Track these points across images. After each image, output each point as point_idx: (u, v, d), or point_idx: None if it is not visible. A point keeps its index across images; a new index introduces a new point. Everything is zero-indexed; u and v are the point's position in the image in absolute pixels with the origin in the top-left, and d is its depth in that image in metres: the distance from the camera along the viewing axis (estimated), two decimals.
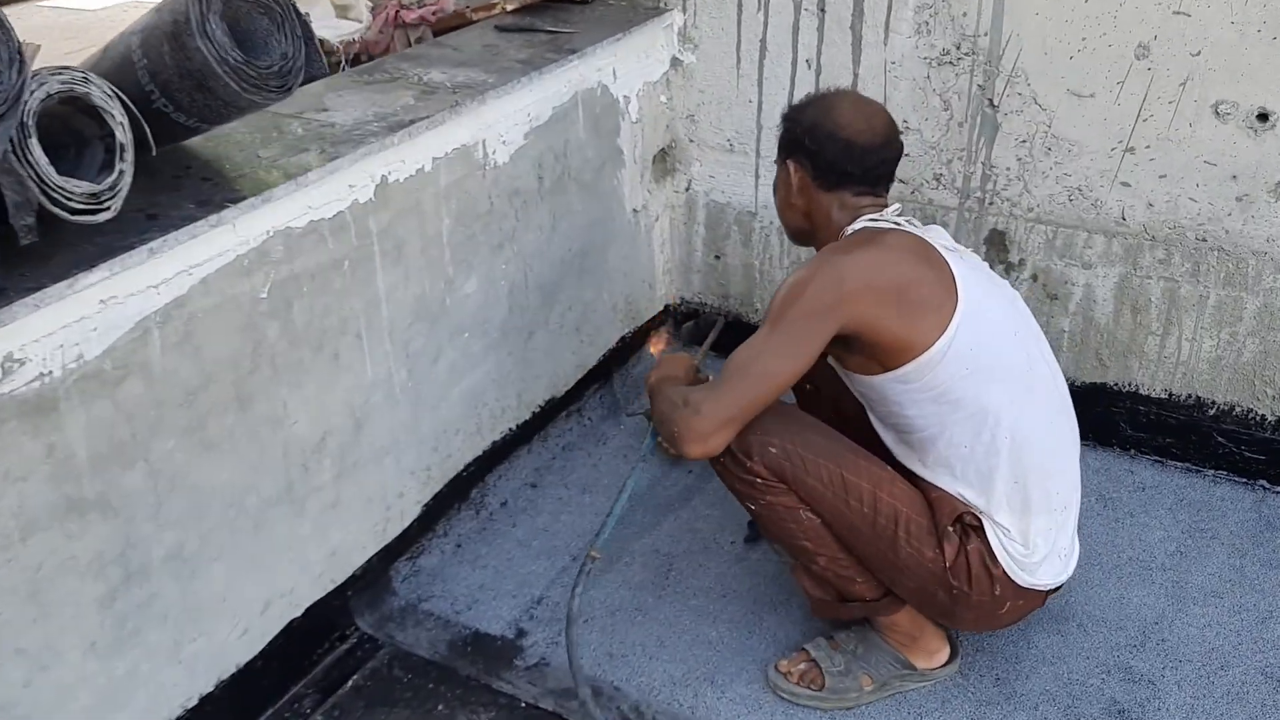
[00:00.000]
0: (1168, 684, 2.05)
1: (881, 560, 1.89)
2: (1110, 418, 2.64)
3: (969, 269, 1.86)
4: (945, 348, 1.77)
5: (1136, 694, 2.03)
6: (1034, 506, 1.85)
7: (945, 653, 2.06)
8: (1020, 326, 1.90)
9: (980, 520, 1.86)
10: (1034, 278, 2.58)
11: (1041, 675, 2.08)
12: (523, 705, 2.05)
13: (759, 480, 1.87)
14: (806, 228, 1.99)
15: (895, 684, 2.04)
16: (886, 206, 1.92)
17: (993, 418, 1.81)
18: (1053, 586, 1.94)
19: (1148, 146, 2.36)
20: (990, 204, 2.56)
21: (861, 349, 1.82)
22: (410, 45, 2.94)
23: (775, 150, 2.01)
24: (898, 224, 1.88)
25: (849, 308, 1.75)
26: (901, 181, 2.63)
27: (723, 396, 1.77)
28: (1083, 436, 2.61)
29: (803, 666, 2.06)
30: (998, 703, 2.02)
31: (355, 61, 3.01)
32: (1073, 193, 2.46)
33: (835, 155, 1.88)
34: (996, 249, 2.60)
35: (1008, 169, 2.51)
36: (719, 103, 2.81)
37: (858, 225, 1.88)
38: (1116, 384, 2.60)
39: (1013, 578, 1.86)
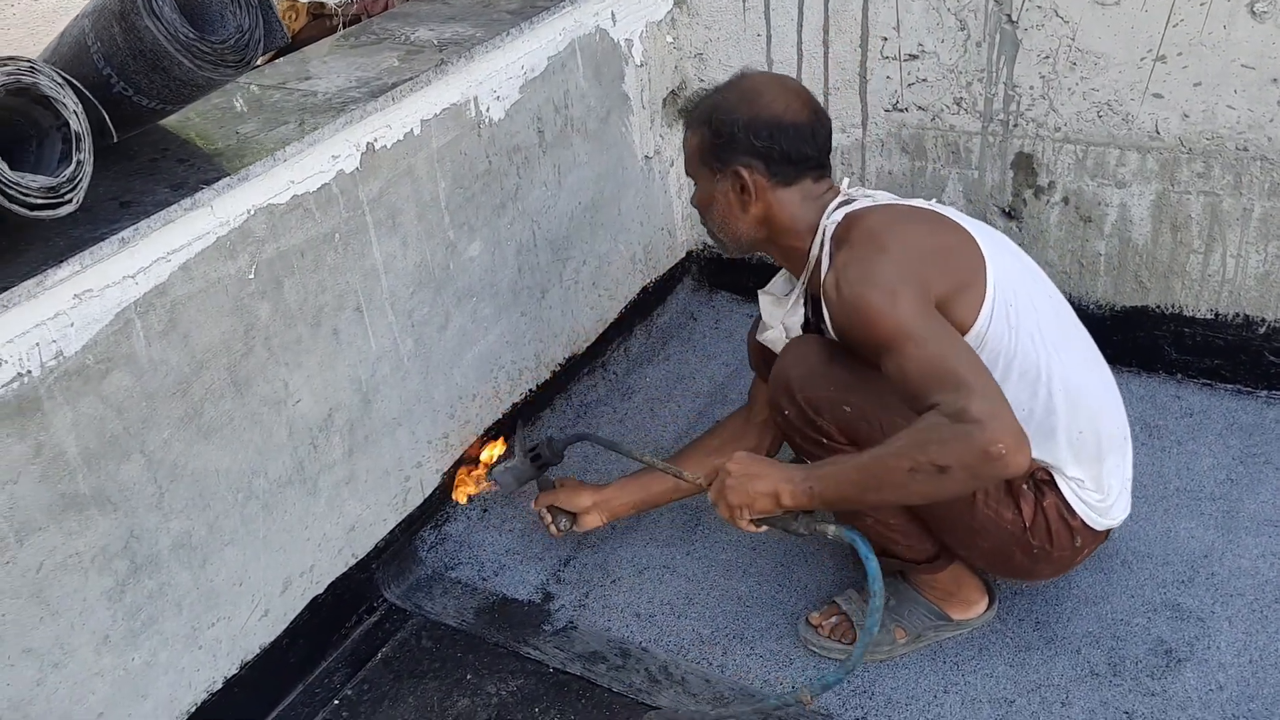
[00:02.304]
0: (1218, 620, 1.96)
1: (955, 524, 1.79)
2: (1154, 342, 2.52)
3: (973, 224, 1.76)
4: (990, 312, 1.66)
5: (1185, 632, 1.94)
6: (1102, 449, 1.77)
7: (983, 604, 1.99)
8: (1033, 273, 1.81)
9: (1051, 474, 1.78)
10: (1065, 200, 2.46)
11: (1084, 617, 2.00)
12: (550, 670, 2.03)
13: (825, 440, 1.75)
14: (761, 235, 1.81)
15: (930, 635, 1.98)
16: (831, 183, 1.80)
17: (1044, 373, 1.71)
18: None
19: (1179, 54, 2.21)
20: (1015, 126, 2.43)
21: None
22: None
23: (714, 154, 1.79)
24: (872, 197, 1.76)
25: (929, 291, 1.60)
26: (920, 109, 2.51)
27: (977, 391, 1.45)
28: (1125, 363, 2.54)
29: (834, 620, 2.01)
30: (1038, 647, 1.95)
31: (354, 22, 2.95)
32: (1101, 108, 2.32)
33: (789, 144, 1.71)
34: (1024, 173, 2.47)
35: (1031, 88, 2.37)
36: (727, 39, 2.70)
37: (836, 216, 1.73)
38: (1159, 306, 2.48)
39: (1091, 525, 1.80)
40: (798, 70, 2.60)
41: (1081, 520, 1.78)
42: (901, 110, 2.53)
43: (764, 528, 1.73)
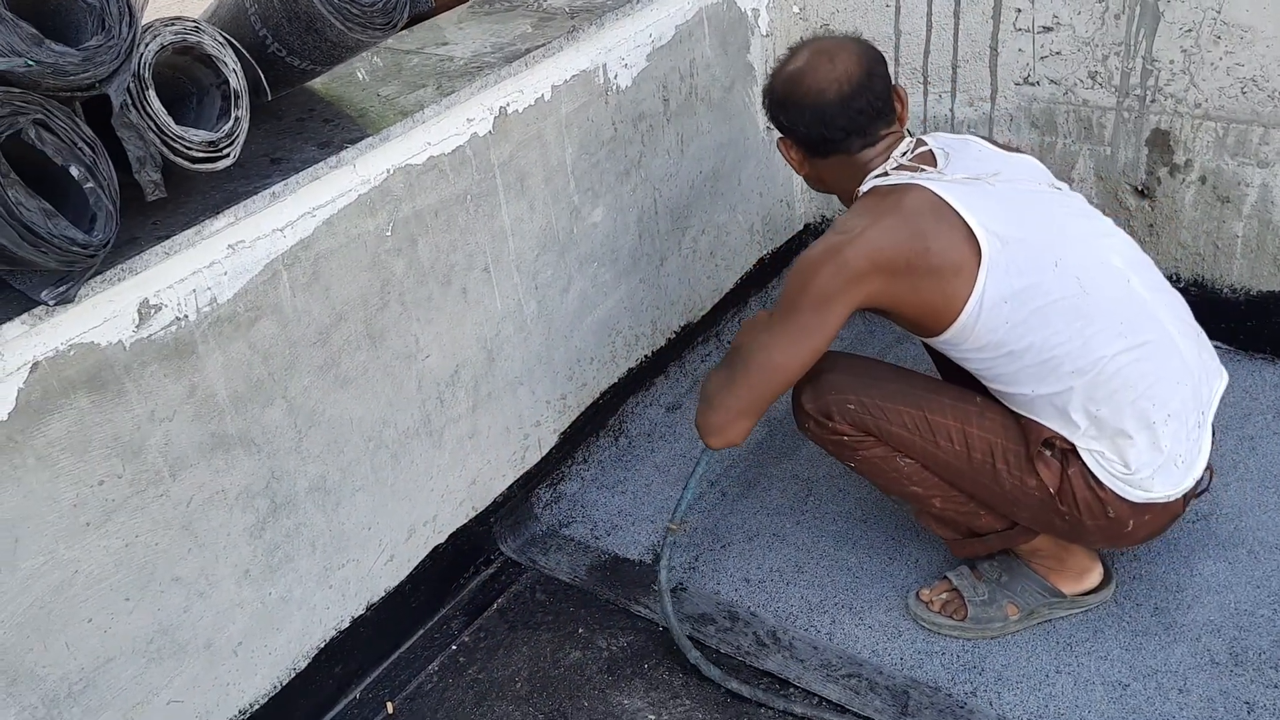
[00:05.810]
0: None
1: (990, 494, 1.83)
2: None
3: (993, 201, 1.69)
4: (976, 309, 1.67)
5: None
6: (1127, 428, 1.70)
7: (1096, 574, 1.96)
8: (1063, 253, 1.70)
9: (1073, 445, 1.75)
10: (1202, 180, 2.38)
11: (1205, 605, 1.96)
12: (660, 629, 2.08)
13: (846, 438, 1.86)
14: (827, 189, 1.92)
15: (1043, 612, 1.96)
16: (891, 147, 1.77)
17: (1054, 361, 1.69)
18: (1182, 494, 1.78)
19: None
20: (1152, 102, 2.36)
21: (893, 318, 1.78)
22: None
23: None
24: (914, 174, 1.72)
25: (859, 290, 1.69)
26: (1052, 82, 2.46)
27: (733, 391, 1.76)
28: (1259, 349, 2.47)
29: (945, 596, 2.01)
30: (1155, 633, 1.92)
31: None
32: (1246, 84, 2.24)
33: (809, 126, 1.77)
34: (1160, 150, 2.40)
35: (1171, 62, 2.30)
36: (853, 9, 2.67)
37: (865, 187, 1.77)
38: None
39: (1124, 497, 1.74)
40: (925, 42, 2.57)
41: (1111, 491, 1.74)
42: (1033, 84, 2.49)
43: None
